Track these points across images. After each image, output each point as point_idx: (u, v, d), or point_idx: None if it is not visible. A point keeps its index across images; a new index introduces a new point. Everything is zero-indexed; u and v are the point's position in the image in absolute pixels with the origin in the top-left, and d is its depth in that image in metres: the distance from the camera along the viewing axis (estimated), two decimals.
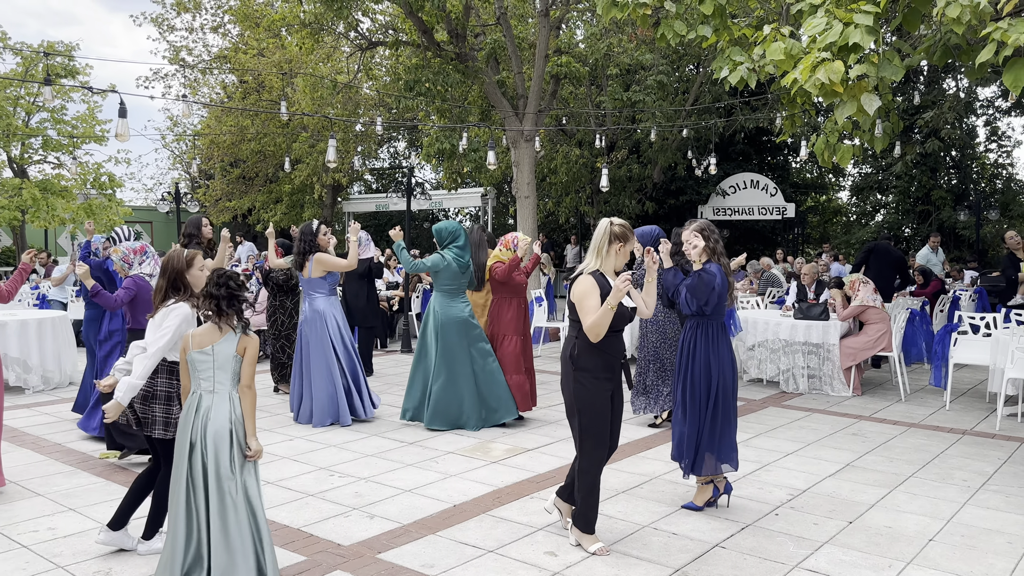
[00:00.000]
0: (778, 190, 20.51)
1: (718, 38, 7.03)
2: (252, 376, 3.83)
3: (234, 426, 3.75)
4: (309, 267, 7.24)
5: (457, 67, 13.71)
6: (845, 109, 5.71)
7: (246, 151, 23.71)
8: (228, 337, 3.80)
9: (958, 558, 4.16)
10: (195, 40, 25.21)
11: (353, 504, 4.97)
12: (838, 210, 27.62)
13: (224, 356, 3.79)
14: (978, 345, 8.15)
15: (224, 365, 3.79)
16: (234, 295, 3.81)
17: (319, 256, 7.23)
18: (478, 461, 5.95)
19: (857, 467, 5.84)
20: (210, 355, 3.78)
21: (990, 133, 22.22)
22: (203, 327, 3.85)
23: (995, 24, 5.13)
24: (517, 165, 13.90)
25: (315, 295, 7.27)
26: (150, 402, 4.19)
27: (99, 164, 20.71)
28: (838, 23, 5.45)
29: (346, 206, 25.87)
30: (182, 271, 4.28)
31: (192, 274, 4.31)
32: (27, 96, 19.94)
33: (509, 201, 24.62)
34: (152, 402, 4.19)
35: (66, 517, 4.74)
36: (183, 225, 7.52)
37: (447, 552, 4.21)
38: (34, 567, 4.02)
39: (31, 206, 18.19)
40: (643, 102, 16.90)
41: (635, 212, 20.50)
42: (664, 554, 4.20)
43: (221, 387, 3.79)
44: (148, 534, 4.24)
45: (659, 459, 6.01)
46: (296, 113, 18.29)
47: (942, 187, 21.00)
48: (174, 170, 30.11)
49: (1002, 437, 6.81)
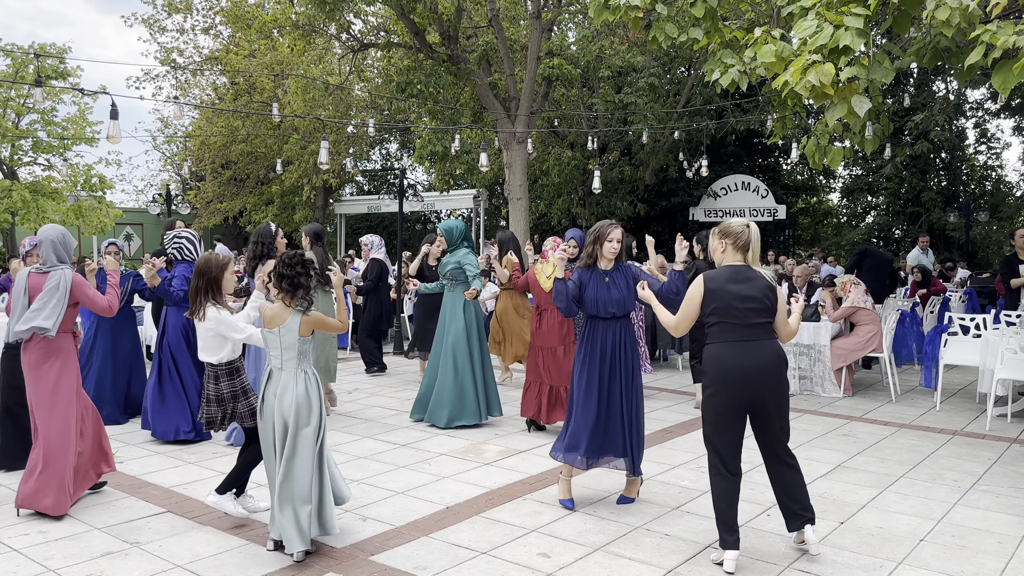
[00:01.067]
0: (769, 192, 20.59)
1: (709, 40, 7.06)
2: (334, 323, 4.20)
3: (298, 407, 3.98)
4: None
5: (449, 69, 13.72)
6: (836, 111, 5.74)
7: (237, 153, 23.64)
8: (293, 317, 3.98)
9: (949, 558, 4.19)
10: (186, 41, 25.15)
11: (345, 506, 4.96)
12: (829, 212, 27.74)
13: (290, 336, 3.98)
14: (968, 346, 8.20)
15: (291, 345, 4.00)
16: (302, 275, 4.00)
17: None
18: (471, 463, 5.95)
19: (848, 468, 5.87)
20: (277, 335, 4.00)
21: (979, 135, 22.37)
22: (273, 307, 4.05)
23: (984, 27, 5.17)
24: (509, 167, 13.91)
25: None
26: (225, 403, 4.52)
27: (89, 166, 20.60)
28: (828, 25, 5.48)
29: (338, 208, 25.81)
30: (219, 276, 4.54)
31: (226, 278, 4.58)
32: (17, 98, 19.83)
33: (501, 203, 24.63)
34: (228, 402, 4.53)
35: (57, 520, 4.71)
36: (253, 234, 6.66)
37: (440, 554, 4.21)
38: (25, 570, 4.00)
39: (21, 208, 18.08)
40: (635, 104, 16.94)
41: (627, 214, 20.54)
42: (657, 555, 4.21)
43: (289, 365, 4.01)
44: (222, 489, 4.52)
45: (651, 460, 6.02)
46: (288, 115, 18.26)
47: (932, 189, 21.11)
48: (165, 172, 30.02)
49: (992, 437, 6.84)
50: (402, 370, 10.32)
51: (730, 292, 4.03)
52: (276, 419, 4.02)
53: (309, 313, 4.04)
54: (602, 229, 5.03)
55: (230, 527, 4.55)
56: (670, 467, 5.86)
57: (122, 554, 4.19)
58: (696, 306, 4.14)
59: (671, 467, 5.86)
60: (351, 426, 7.16)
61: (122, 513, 4.80)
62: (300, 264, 4.01)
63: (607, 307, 4.95)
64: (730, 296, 4.03)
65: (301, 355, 4.03)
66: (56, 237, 4.91)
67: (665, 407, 8.06)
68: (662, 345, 10.51)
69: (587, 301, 4.97)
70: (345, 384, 9.18)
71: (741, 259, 4.13)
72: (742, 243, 4.11)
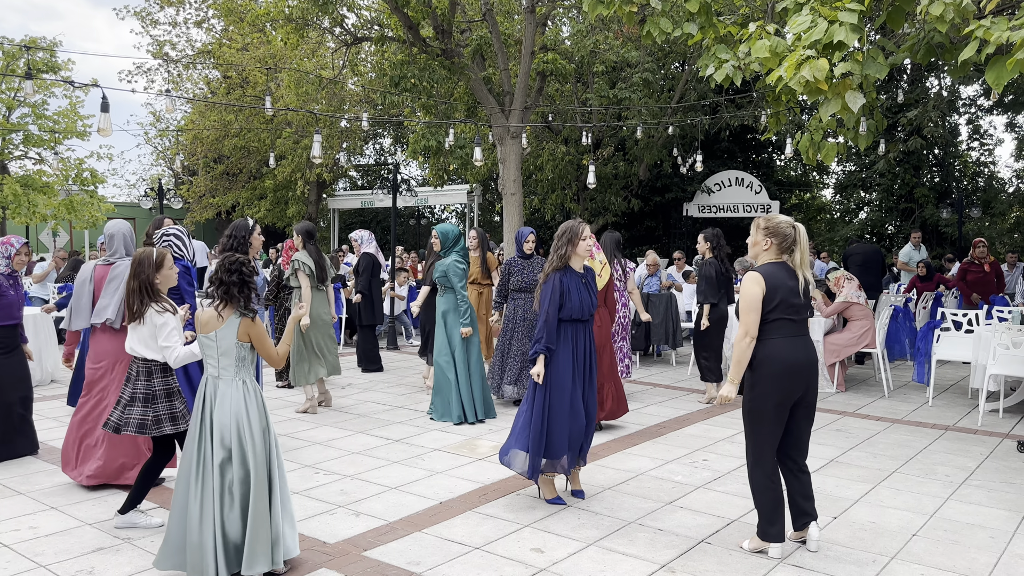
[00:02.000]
0: (763, 187, 20.59)
1: (704, 36, 7.05)
2: (271, 349, 3.88)
3: (237, 417, 3.74)
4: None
5: (443, 63, 13.67)
6: (830, 107, 5.74)
7: (229, 147, 23.56)
8: (230, 322, 3.78)
9: (941, 553, 4.20)
10: (178, 35, 25.06)
11: (339, 502, 4.95)
12: (822, 208, 27.77)
13: (227, 342, 3.77)
14: (961, 342, 8.22)
15: (227, 351, 3.78)
16: (245, 281, 3.81)
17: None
18: (464, 458, 5.94)
19: (841, 463, 5.88)
20: (213, 340, 3.78)
21: (972, 131, 22.40)
22: (207, 311, 3.83)
23: (978, 22, 5.17)
24: (503, 162, 13.88)
25: None
26: (151, 403, 4.26)
27: (81, 160, 20.51)
28: (823, 21, 5.48)
29: (331, 203, 25.76)
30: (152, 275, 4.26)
31: (163, 274, 4.31)
32: (7, 91, 19.72)
33: (495, 198, 24.61)
34: (154, 402, 4.26)
35: (48, 516, 4.69)
36: (228, 227, 6.47)
37: (433, 549, 4.21)
38: (16, 566, 3.97)
39: (12, 202, 17.99)
40: (629, 99, 16.92)
41: (621, 209, 20.53)
42: (650, 550, 4.21)
43: (226, 373, 3.79)
44: (125, 508, 4.41)
45: (644, 455, 6.02)
46: (281, 109, 18.19)
47: (925, 185, 21.16)
48: (157, 166, 29.91)
49: (984, 433, 6.87)
50: (395, 366, 10.30)
51: (788, 288, 4.05)
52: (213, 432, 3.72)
53: (249, 316, 3.79)
54: (575, 228, 4.87)
55: None
56: (663, 462, 5.86)
57: (113, 550, 4.17)
58: (759, 304, 4.02)
59: (664, 462, 5.86)
60: (344, 421, 7.14)
61: (113, 509, 4.77)
62: (238, 272, 3.77)
63: (589, 310, 4.91)
64: (789, 292, 4.05)
65: (239, 362, 3.78)
66: (126, 231, 5.27)
67: (659, 403, 8.06)
68: (655, 341, 10.51)
69: (571, 306, 4.81)
70: (338, 379, 9.16)
71: (783, 258, 4.13)
72: (787, 246, 4.12)
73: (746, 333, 4.03)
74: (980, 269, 10.88)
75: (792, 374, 4.01)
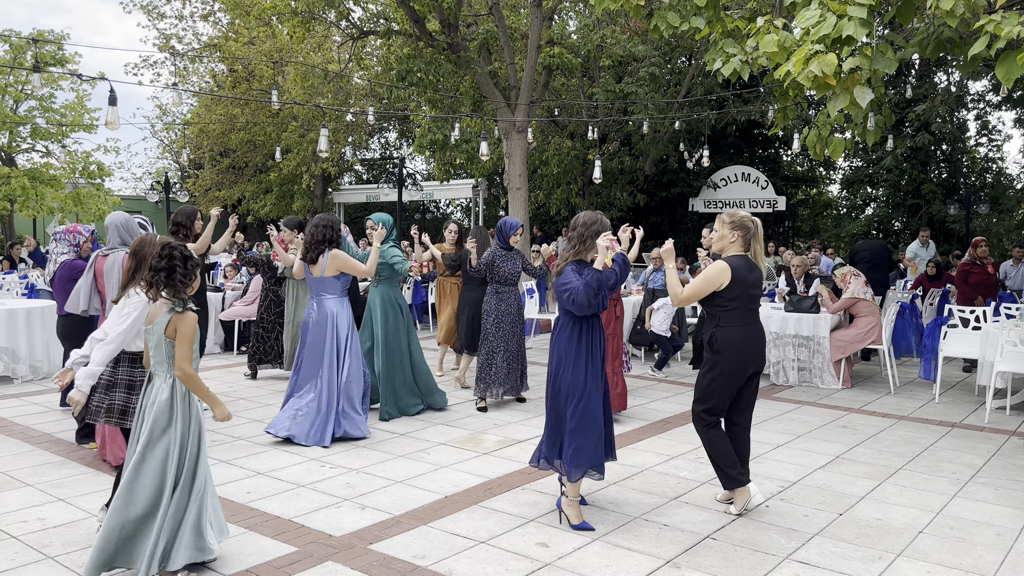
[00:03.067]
0: (769, 183, 20.56)
1: (711, 30, 7.03)
2: (186, 358, 3.52)
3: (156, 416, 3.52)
4: (323, 263, 6.30)
5: (449, 57, 13.66)
6: (838, 102, 5.71)
7: (236, 140, 23.58)
8: (163, 316, 3.55)
9: (947, 550, 4.19)
10: (185, 28, 25.05)
11: (344, 495, 4.96)
12: (828, 203, 27.70)
13: (157, 336, 3.55)
14: (968, 338, 8.19)
15: (158, 345, 3.55)
16: (173, 269, 3.54)
17: (338, 253, 6.32)
18: (469, 452, 5.95)
19: (847, 459, 5.87)
20: (151, 334, 3.59)
21: (980, 127, 22.31)
22: (157, 302, 3.62)
23: (988, 17, 5.14)
24: (509, 156, 13.87)
25: (325, 295, 6.37)
26: (111, 391, 4.16)
27: (88, 153, 20.60)
28: (831, 15, 5.45)
29: (336, 197, 25.78)
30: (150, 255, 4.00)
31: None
32: (15, 84, 19.77)
33: (500, 192, 24.59)
34: (112, 391, 4.15)
35: (55, 507, 4.71)
36: (174, 214, 6.98)
37: (439, 543, 4.21)
38: (23, 557, 3.99)
39: (20, 195, 18.06)
40: (635, 94, 16.88)
41: (626, 204, 20.51)
42: (655, 545, 4.21)
43: (159, 368, 3.59)
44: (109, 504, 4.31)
45: (650, 451, 6.02)
46: (287, 103, 18.20)
47: (932, 181, 21.08)
48: (163, 159, 29.95)
49: (991, 430, 6.85)
50: None
51: (748, 281, 4.50)
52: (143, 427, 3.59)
53: (180, 311, 3.55)
54: (603, 223, 4.57)
55: (228, 515, 4.55)
56: (669, 458, 5.86)
57: None
58: (712, 287, 4.47)
59: (670, 458, 5.86)
60: None
61: None
62: (167, 258, 3.54)
63: (606, 302, 4.87)
64: (749, 285, 4.50)
65: (170, 358, 3.55)
66: (120, 222, 5.36)
67: (664, 398, 8.06)
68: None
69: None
70: None
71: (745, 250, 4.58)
72: (748, 239, 4.56)
73: (687, 298, 4.51)
74: (983, 270, 10.33)
75: (748, 359, 4.52)
